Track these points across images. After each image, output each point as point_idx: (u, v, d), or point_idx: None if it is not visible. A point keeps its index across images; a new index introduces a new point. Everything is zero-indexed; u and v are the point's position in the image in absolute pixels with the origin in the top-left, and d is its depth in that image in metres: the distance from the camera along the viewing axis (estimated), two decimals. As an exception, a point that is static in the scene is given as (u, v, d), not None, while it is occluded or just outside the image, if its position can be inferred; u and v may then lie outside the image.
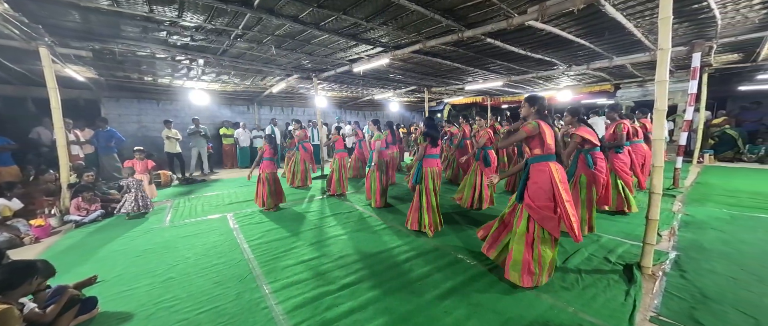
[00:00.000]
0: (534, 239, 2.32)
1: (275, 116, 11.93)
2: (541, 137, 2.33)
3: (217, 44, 4.92)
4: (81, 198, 4.44)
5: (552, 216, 2.26)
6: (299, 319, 2.09)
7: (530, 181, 2.37)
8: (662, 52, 2.32)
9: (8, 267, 1.74)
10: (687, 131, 5.13)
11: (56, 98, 4.25)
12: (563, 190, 2.27)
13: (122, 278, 2.73)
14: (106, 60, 5.50)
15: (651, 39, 4.73)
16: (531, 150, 2.41)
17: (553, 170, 2.30)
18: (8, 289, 1.67)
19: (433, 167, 3.58)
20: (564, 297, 2.24)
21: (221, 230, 3.92)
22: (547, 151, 2.34)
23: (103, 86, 7.73)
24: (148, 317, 2.16)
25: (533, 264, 2.31)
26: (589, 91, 10.06)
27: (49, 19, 3.76)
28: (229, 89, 9.04)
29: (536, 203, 2.29)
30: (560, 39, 4.67)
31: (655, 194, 2.43)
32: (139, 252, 3.30)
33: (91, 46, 4.54)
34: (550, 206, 2.27)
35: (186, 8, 3.51)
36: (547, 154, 2.34)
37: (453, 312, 2.11)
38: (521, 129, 2.40)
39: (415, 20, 4.02)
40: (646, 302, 2.18)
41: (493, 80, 8.33)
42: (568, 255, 2.88)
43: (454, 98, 13.52)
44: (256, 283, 2.56)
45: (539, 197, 2.29)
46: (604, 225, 3.65)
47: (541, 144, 2.35)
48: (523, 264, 2.33)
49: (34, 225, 3.82)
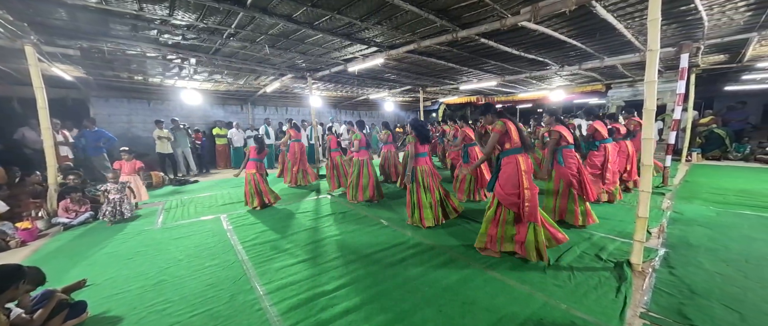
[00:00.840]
0: (499, 221, 2.78)
1: (269, 115, 11.82)
2: (508, 134, 2.73)
3: (209, 43, 4.85)
4: (69, 200, 4.34)
5: (516, 201, 2.66)
6: (294, 320, 2.08)
7: (501, 172, 2.76)
8: (651, 53, 2.37)
9: None
10: (676, 131, 5.24)
11: (43, 97, 4.15)
12: (526, 179, 2.66)
13: (113, 281, 2.68)
14: (95, 59, 5.39)
15: (641, 40, 4.82)
16: (501, 146, 2.80)
17: (520, 161, 2.69)
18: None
19: (422, 166, 3.71)
20: (557, 295, 2.27)
21: (214, 231, 3.88)
22: (514, 145, 2.74)
23: (92, 85, 7.57)
24: (139, 320, 2.13)
25: (497, 238, 2.81)
26: (582, 91, 10.22)
27: (35, 17, 3.66)
28: (222, 88, 8.93)
29: (504, 191, 2.71)
30: (553, 40, 4.74)
31: (644, 192, 2.47)
32: (130, 254, 3.24)
33: (79, 44, 4.44)
34: (516, 192, 2.67)
35: (177, 6, 3.45)
36: (514, 148, 2.74)
37: (448, 311, 2.13)
38: (492, 132, 2.80)
39: (410, 20, 4.02)
40: (637, 298, 2.23)
41: (488, 80, 8.40)
42: (561, 252, 2.92)
43: (449, 97, 13.57)
44: (250, 284, 2.54)
45: (507, 184, 2.70)
46: (595, 224, 3.71)
47: (509, 140, 2.74)
48: (488, 236, 2.86)
49: (20, 228, 3.72)
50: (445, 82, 9.16)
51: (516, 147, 2.72)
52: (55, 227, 4.16)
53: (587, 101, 13.58)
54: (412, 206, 3.75)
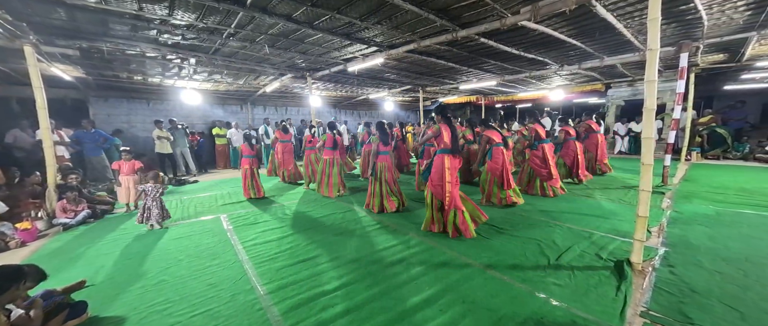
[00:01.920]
0: (432, 206, 3.42)
1: (269, 115, 11.82)
2: (441, 137, 3.32)
3: (209, 43, 4.85)
4: (65, 200, 4.33)
5: (442, 192, 3.30)
6: (295, 320, 2.07)
7: (433, 167, 3.35)
8: (651, 53, 2.37)
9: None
10: (675, 130, 5.25)
11: (42, 97, 4.14)
12: (449, 174, 3.29)
13: (113, 281, 2.68)
14: (94, 59, 5.38)
15: (640, 39, 4.83)
16: (437, 145, 3.40)
17: (445, 160, 3.31)
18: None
19: (382, 162, 4.45)
20: (557, 294, 2.27)
21: (215, 231, 3.88)
22: (444, 146, 3.35)
23: (91, 85, 7.56)
24: (140, 321, 2.12)
25: (434, 221, 3.46)
26: (581, 90, 10.23)
27: (33, 17, 3.66)
28: (222, 88, 8.93)
29: (434, 182, 3.33)
30: (552, 39, 4.74)
31: (644, 191, 2.48)
32: (130, 254, 3.24)
33: (78, 44, 4.43)
34: (442, 184, 3.29)
35: (177, 6, 3.45)
36: (442, 148, 3.35)
37: (448, 311, 2.13)
38: (427, 131, 3.45)
39: (410, 20, 4.02)
40: (637, 297, 2.23)
41: (487, 80, 8.41)
42: (561, 252, 2.93)
43: (448, 97, 13.58)
44: (250, 284, 2.54)
45: (435, 177, 3.32)
46: (596, 222, 3.72)
47: (440, 141, 3.34)
48: (429, 220, 3.50)
49: (19, 229, 3.72)
50: (444, 81, 9.17)
51: (445, 148, 3.33)
52: (55, 227, 4.15)
53: (587, 100, 13.60)
54: (372, 195, 4.48)
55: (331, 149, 5.46)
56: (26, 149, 5.87)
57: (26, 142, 5.91)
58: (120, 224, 4.34)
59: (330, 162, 5.45)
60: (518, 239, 3.29)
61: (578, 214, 4.07)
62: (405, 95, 12.15)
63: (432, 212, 3.44)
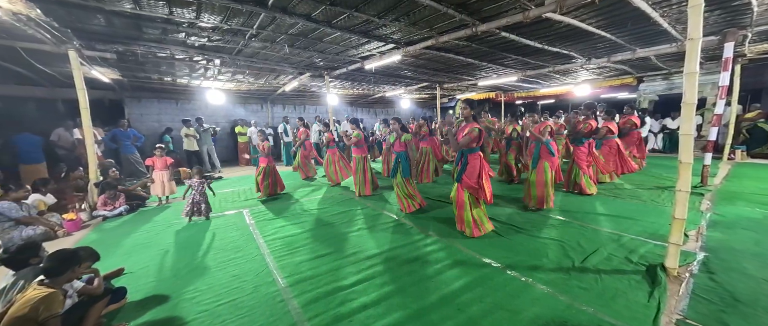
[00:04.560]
0: (467, 205, 3.29)
1: (288, 114, 12.12)
2: (479, 136, 3.24)
3: (232, 44, 5.03)
4: (106, 194, 4.67)
5: (484, 189, 3.23)
6: (314, 313, 2.13)
7: (469, 166, 3.24)
8: (692, 43, 2.20)
9: (55, 255, 1.87)
10: (717, 126, 4.85)
11: (85, 98, 4.47)
12: (485, 171, 3.27)
13: (147, 270, 2.86)
14: (129, 62, 5.74)
15: (678, 29, 4.49)
16: (468, 144, 3.24)
17: (480, 158, 3.28)
18: (55, 275, 1.80)
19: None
20: (582, 298, 2.18)
21: (238, 225, 4.04)
22: (476, 145, 3.28)
23: (126, 86, 8.08)
24: (172, 308, 2.26)
25: (475, 221, 3.33)
26: (610, 85, 9.68)
27: (76, 23, 3.95)
28: (244, 88, 9.24)
29: (470, 181, 3.23)
30: (579, 31, 4.51)
31: (681, 192, 2.31)
32: (161, 245, 3.45)
33: (115, 48, 4.74)
34: (482, 182, 3.23)
35: (203, 9, 3.60)
36: (476, 147, 3.28)
37: (466, 310, 2.10)
38: (469, 134, 3.22)
39: (428, 16, 3.97)
40: (672, 304, 2.09)
41: (507, 75, 8.15)
42: (586, 254, 2.80)
43: (466, 94, 13.30)
44: (272, 277, 2.63)
45: (473, 176, 3.22)
46: (625, 224, 3.52)
47: (475, 140, 3.23)
48: (466, 220, 3.33)
49: (66, 219, 4.06)
50: (462, 78, 8.98)
51: (477, 147, 3.29)
52: (96, 219, 4.50)
53: (615, 95, 12.85)
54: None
55: (362, 147, 5.40)
56: (67, 147, 6.40)
57: (67, 141, 6.42)
58: (153, 216, 4.63)
59: (362, 160, 5.32)
60: (539, 240, 3.18)
61: (605, 215, 3.87)
62: (422, 92, 12.03)
63: (470, 212, 3.29)
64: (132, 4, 3.38)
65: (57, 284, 1.82)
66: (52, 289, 1.76)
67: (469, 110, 3.30)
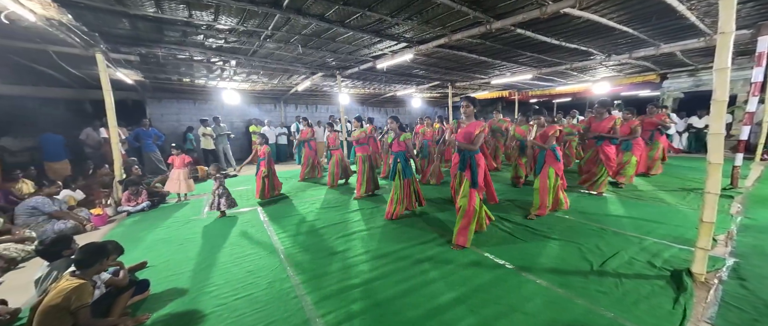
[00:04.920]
0: (480, 211, 3.14)
1: (300, 113, 12.31)
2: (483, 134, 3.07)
3: (248, 45, 5.15)
4: (130, 191, 4.89)
5: (490, 190, 3.35)
6: (327, 310, 2.15)
7: (479, 168, 3.05)
8: (723, 37, 2.08)
9: (85, 248, 1.99)
10: (749, 125, 4.57)
11: (111, 99, 4.69)
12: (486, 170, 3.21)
13: (167, 264, 2.98)
14: (151, 63, 5.98)
15: (707, 22, 4.26)
16: (476, 144, 3.05)
17: (483, 159, 3.14)
18: (85, 267, 1.92)
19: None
20: (601, 302, 2.11)
21: (252, 222, 4.14)
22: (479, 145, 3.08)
23: (148, 87, 8.41)
24: (192, 300, 2.34)
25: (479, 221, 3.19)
26: (631, 82, 9.29)
27: (103, 27, 4.14)
28: (258, 88, 9.44)
29: (481, 185, 3.09)
30: (599, 26, 4.35)
31: (710, 194, 2.20)
32: (181, 240, 3.58)
33: (138, 50, 4.95)
34: (488, 183, 3.29)
35: (221, 12, 3.70)
36: (479, 148, 3.08)
37: (479, 311, 2.07)
38: (482, 132, 3.04)
39: (441, 14, 3.93)
40: (699, 311, 1.99)
41: (522, 73, 7.96)
42: (606, 257, 2.70)
43: (478, 92, 13.09)
44: (286, 273, 2.68)
45: (481, 179, 3.08)
46: (648, 227, 3.37)
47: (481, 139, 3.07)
48: (470, 229, 3.05)
49: (93, 214, 4.27)
50: (475, 76, 8.85)
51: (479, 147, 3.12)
52: (120, 214, 4.71)
53: (637, 93, 12.34)
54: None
55: (363, 145, 5.21)
56: (93, 146, 6.75)
57: (94, 139, 6.77)
58: (173, 212, 4.81)
59: (364, 159, 5.14)
60: (556, 242, 3.10)
61: (626, 217, 3.72)
62: (433, 91, 11.94)
63: (479, 216, 3.15)
64: (154, 7, 3.52)
65: (87, 275, 1.93)
66: (82, 280, 1.86)
67: (472, 108, 3.11)
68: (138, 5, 3.45)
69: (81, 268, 1.92)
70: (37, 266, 2.52)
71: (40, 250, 2.30)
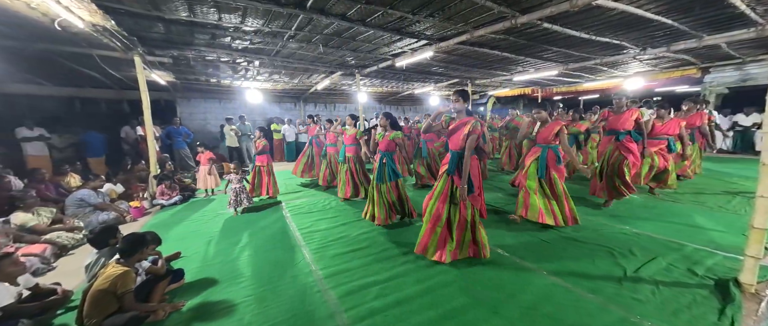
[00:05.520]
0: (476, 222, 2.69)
1: (319, 112, 12.55)
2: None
3: (271, 46, 5.31)
4: (164, 185, 5.20)
5: (481, 200, 2.73)
6: (350, 305, 2.19)
7: (473, 172, 2.60)
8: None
9: (128, 238, 2.17)
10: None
11: (147, 99, 5.00)
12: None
13: (198, 255, 3.14)
14: (182, 65, 6.31)
15: (759, 11, 3.89)
16: (469, 143, 2.60)
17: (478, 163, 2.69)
18: (129, 256, 2.08)
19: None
20: (637, 310, 2.00)
21: (275, 217, 4.28)
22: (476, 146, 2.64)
23: (179, 88, 8.88)
24: (222, 290, 2.46)
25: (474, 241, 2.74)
26: (667, 77, 8.67)
27: (141, 32, 4.42)
28: (279, 87, 9.70)
29: (474, 193, 2.62)
30: (635, 18, 4.08)
31: (763, 198, 2.01)
32: (211, 233, 3.76)
33: (171, 53, 5.23)
34: (481, 191, 2.73)
35: (248, 14, 3.84)
36: (476, 148, 2.64)
37: (503, 313, 2.03)
38: (475, 133, 2.54)
39: (464, 9, 3.85)
40: (748, 324, 1.84)
41: (547, 69, 7.65)
42: (641, 263, 2.56)
43: (499, 90, 12.73)
44: (309, 268, 2.75)
45: (475, 184, 2.60)
46: (688, 233, 3.15)
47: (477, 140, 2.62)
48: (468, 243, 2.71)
49: (132, 206, 4.59)
50: (496, 73, 8.61)
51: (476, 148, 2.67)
52: (155, 207, 5.03)
53: (673, 88, 11.50)
54: None
55: (352, 146, 4.80)
56: (130, 143, 7.25)
57: (131, 137, 7.27)
58: (202, 207, 5.06)
59: (350, 160, 4.80)
60: (584, 245, 2.97)
61: (662, 221, 3.50)
62: (452, 89, 11.75)
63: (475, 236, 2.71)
64: (187, 12, 3.70)
65: (130, 263, 2.08)
66: (126, 268, 2.01)
67: (462, 102, 2.65)
68: (172, 10, 3.64)
69: (124, 256, 2.08)
70: (85, 253, 2.75)
71: (90, 238, 2.51)
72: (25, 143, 5.65)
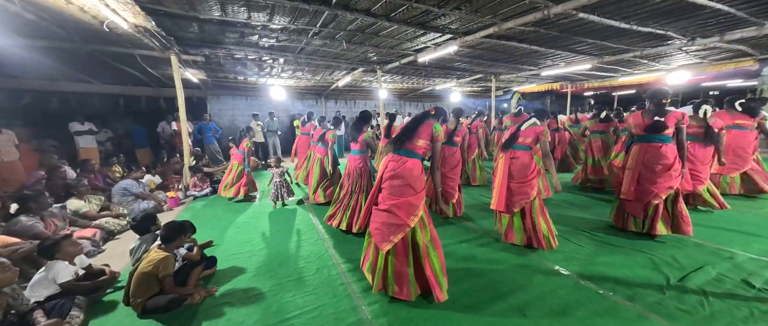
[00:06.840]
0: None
1: (340, 108, 12.71)
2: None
3: (296, 43, 5.42)
4: (197, 178, 5.50)
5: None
6: (373, 299, 2.20)
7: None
8: None
9: (168, 225, 2.32)
10: None
11: (182, 96, 5.29)
12: None
13: (229, 244, 3.30)
14: (213, 63, 6.61)
15: (838, -8, 3.41)
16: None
17: None
18: (168, 242, 2.23)
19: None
20: (683, 321, 1.85)
21: (299, 211, 4.40)
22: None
23: (210, 85, 9.34)
24: (252, 278, 2.57)
25: None
26: (717, 69, 7.88)
27: (177, 32, 4.67)
28: (302, 84, 9.91)
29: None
30: (684, 5, 3.74)
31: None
32: (240, 224, 3.94)
33: (203, 52, 5.49)
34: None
35: (275, 12, 3.94)
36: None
37: (532, 315, 1.95)
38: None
39: (492, 1, 3.71)
40: (818, 346, 1.65)
41: (579, 63, 7.21)
42: (687, 271, 2.36)
43: (524, 85, 12.22)
44: (332, 261, 2.80)
45: None
46: (741, 240, 2.87)
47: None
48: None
49: (168, 197, 4.90)
50: (523, 68, 8.25)
51: None
52: (188, 198, 5.34)
53: (724, 83, 10.49)
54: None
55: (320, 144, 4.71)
56: (166, 137, 7.74)
57: (167, 132, 7.76)
58: (231, 198, 5.30)
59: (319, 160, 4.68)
60: (621, 250, 2.79)
61: (710, 227, 3.21)
62: (474, 85, 11.43)
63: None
64: (220, 11, 3.86)
65: (169, 249, 2.22)
66: (166, 253, 2.15)
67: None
68: (206, 10, 3.81)
69: (165, 242, 2.22)
70: (129, 238, 2.98)
71: (133, 225, 2.71)
72: (77, 137, 6.19)
